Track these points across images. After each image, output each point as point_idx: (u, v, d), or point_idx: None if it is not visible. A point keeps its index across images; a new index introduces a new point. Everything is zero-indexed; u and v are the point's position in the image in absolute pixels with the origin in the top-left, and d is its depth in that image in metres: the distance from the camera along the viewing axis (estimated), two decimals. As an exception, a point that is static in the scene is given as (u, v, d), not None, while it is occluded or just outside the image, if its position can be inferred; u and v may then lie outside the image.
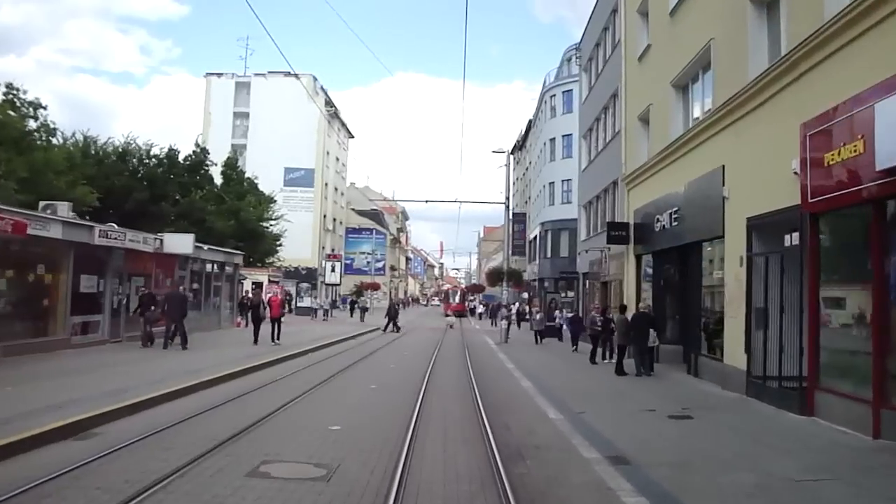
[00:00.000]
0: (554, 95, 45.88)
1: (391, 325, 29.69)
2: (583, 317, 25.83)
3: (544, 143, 47.47)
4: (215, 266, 24.36)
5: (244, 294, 29.21)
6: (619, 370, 14.48)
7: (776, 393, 10.00)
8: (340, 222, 70.55)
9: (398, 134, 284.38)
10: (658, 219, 16.27)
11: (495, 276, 45.01)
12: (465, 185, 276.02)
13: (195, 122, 60.87)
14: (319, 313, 39.36)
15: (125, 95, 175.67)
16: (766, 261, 10.62)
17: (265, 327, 19.76)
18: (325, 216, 62.63)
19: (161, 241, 18.74)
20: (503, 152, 34.48)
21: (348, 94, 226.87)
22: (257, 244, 37.98)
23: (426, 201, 68.29)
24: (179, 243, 19.20)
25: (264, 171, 47.60)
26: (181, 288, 19.80)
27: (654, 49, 17.48)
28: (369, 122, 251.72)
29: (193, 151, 35.12)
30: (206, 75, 62.75)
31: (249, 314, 23.07)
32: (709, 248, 13.98)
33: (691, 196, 14.20)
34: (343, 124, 70.94)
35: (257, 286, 31.22)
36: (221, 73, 62.49)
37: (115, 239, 16.15)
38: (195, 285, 23.35)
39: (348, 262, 67.60)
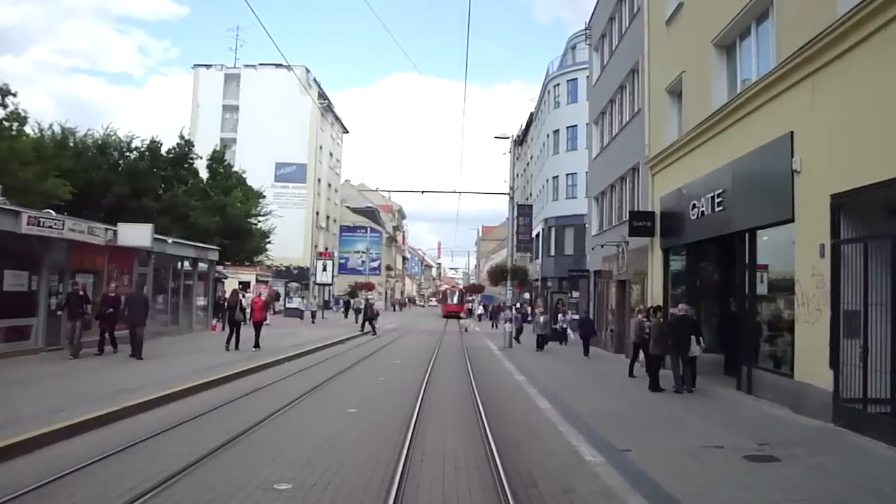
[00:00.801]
0: (558, 85, 43.51)
1: (367, 325, 28.66)
2: (594, 319, 23.58)
3: (547, 136, 45.16)
4: (186, 262, 21.76)
5: (220, 294, 26.68)
6: (655, 385, 12.02)
7: (886, 424, 7.50)
8: (334, 220, 67.82)
9: (395, 135, 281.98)
10: (695, 204, 13.78)
11: (498, 275, 42.20)
12: (463, 185, 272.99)
13: (187, 118, 58.11)
14: (307, 315, 36.70)
15: (123, 96, 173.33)
16: (865, 249, 8.13)
17: (245, 332, 17.42)
18: (317, 213, 59.94)
19: (114, 232, 16.14)
20: (507, 138, 31.89)
21: (346, 94, 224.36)
22: (244, 242, 35.58)
23: (422, 192, 65.10)
24: (136, 235, 16.52)
25: (254, 166, 45.33)
26: (143, 288, 17.41)
27: (688, 7, 14.98)
28: (367, 123, 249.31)
29: (177, 144, 32.61)
30: (193, 67, 60.15)
31: (226, 317, 20.65)
32: (765, 238, 11.49)
33: (743, 174, 11.69)
34: (337, 118, 68.22)
35: (243, 286, 28.75)
36: (210, 65, 59.84)
37: (51, 228, 13.50)
38: (174, 284, 20.89)
39: (342, 261, 64.92)
